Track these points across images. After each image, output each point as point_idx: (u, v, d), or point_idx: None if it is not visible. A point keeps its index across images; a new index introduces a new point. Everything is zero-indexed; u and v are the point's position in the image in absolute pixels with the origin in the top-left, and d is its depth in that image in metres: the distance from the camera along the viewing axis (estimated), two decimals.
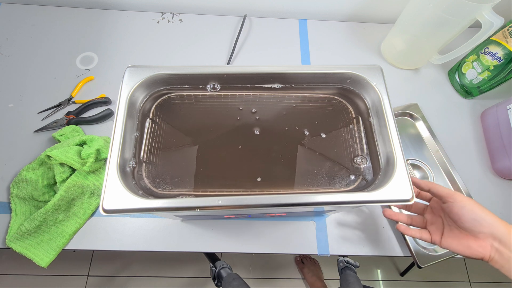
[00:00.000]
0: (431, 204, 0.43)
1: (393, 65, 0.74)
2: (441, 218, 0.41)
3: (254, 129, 0.41)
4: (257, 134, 0.41)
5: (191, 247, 0.54)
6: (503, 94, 0.69)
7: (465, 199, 0.37)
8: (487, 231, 0.35)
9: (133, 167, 0.37)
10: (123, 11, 0.77)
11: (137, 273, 1.22)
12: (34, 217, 0.51)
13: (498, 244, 0.35)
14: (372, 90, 0.41)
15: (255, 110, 0.43)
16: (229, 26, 0.77)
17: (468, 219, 0.36)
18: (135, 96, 0.40)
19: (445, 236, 0.39)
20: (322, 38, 0.77)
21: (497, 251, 0.35)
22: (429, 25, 0.60)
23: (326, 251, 0.54)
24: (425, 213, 0.44)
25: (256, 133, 0.41)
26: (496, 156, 0.62)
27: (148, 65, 0.40)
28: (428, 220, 0.43)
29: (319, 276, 1.18)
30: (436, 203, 0.42)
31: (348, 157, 0.40)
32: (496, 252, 0.35)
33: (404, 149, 0.37)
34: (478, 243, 0.36)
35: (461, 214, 0.37)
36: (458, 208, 0.37)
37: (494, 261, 0.36)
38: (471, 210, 0.36)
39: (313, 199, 0.33)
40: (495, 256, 0.35)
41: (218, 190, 0.37)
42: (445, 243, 0.39)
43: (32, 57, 0.69)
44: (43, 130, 0.61)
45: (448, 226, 0.40)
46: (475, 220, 0.36)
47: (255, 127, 0.42)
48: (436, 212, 0.42)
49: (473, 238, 0.37)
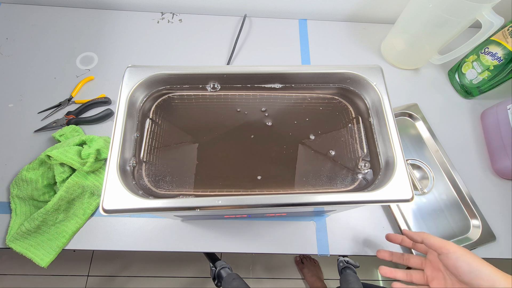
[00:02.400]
0: (429, 257, 0.40)
1: (393, 65, 0.74)
2: (441, 272, 0.38)
3: (255, 129, 0.41)
4: (257, 134, 0.41)
5: (191, 247, 0.54)
6: (503, 94, 0.69)
7: (458, 250, 0.36)
8: (487, 284, 0.33)
9: (133, 167, 0.37)
10: (123, 11, 0.77)
11: (137, 273, 1.22)
12: (34, 217, 0.51)
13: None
14: (372, 90, 0.41)
15: (255, 110, 0.43)
16: (229, 26, 0.77)
17: (465, 272, 0.34)
18: (135, 96, 0.40)
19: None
20: (322, 38, 0.77)
21: None
22: (429, 25, 0.60)
23: (326, 251, 0.54)
24: (425, 267, 0.41)
25: (256, 133, 0.41)
26: (496, 156, 0.62)
27: (148, 65, 0.40)
28: (428, 275, 0.39)
29: (319, 276, 1.18)
30: (434, 256, 0.39)
31: (347, 157, 0.40)
32: None
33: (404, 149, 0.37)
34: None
35: (458, 267, 0.35)
36: (453, 260, 0.35)
37: None
38: (466, 262, 0.35)
39: (313, 199, 0.33)
40: None
41: (218, 190, 0.37)
42: None
43: (32, 57, 0.69)
44: (43, 130, 0.61)
45: (450, 281, 0.37)
46: (472, 272, 0.34)
47: (256, 127, 0.42)
48: (435, 266, 0.39)
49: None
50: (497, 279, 0.33)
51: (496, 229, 0.56)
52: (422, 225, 0.57)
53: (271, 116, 0.42)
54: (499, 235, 0.56)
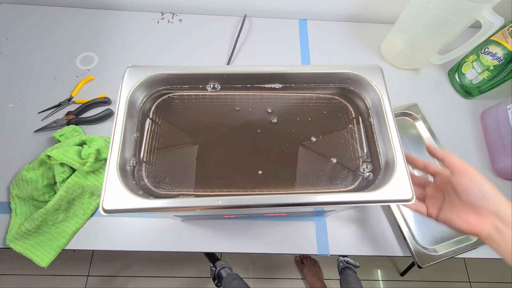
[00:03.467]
0: (436, 179, 0.42)
1: (393, 65, 0.74)
2: (442, 193, 0.40)
3: (254, 129, 0.41)
4: (256, 134, 0.41)
5: (191, 247, 0.54)
6: (503, 94, 0.69)
7: (477, 174, 0.36)
8: (492, 208, 0.35)
9: (133, 167, 0.37)
10: (123, 11, 0.77)
11: (137, 273, 1.22)
12: (34, 217, 0.51)
13: (499, 223, 0.34)
14: (372, 90, 0.41)
15: (255, 110, 0.43)
16: (229, 26, 0.77)
17: (475, 193, 0.35)
18: (135, 96, 0.40)
19: (444, 210, 0.38)
20: (322, 38, 0.77)
21: (497, 230, 0.34)
22: (429, 25, 0.60)
23: (326, 251, 0.54)
24: (427, 187, 0.43)
25: (256, 133, 0.41)
26: (496, 156, 0.62)
27: (148, 65, 0.40)
28: (428, 194, 0.42)
29: (318, 276, 1.18)
30: (442, 179, 0.40)
31: (347, 157, 0.40)
32: (495, 230, 0.34)
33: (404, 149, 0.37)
34: (479, 219, 0.35)
35: (469, 187, 0.36)
36: (468, 181, 0.36)
37: (491, 239, 0.35)
38: (481, 185, 0.35)
39: (313, 199, 0.33)
40: (494, 234, 0.34)
41: (218, 190, 0.37)
42: (443, 216, 0.38)
43: (32, 57, 0.69)
44: (43, 130, 0.61)
45: (449, 200, 0.38)
46: (483, 194, 0.35)
47: (256, 127, 0.42)
48: (439, 187, 0.41)
49: (474, 213, 0.36)
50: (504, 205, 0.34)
51: None
52: (422, 225, 0.56)
53: (271, 116, 0.42)
54: None
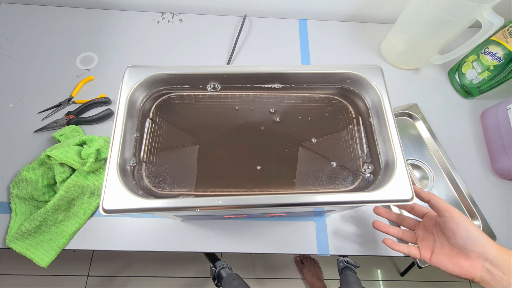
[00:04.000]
0: (424, 220, 0.43)
1: (393, 65, 0.74)
2: (433, 235, 0.41)
3: (254, 129, 0.41)
4: (256, 134, 0.41)
5: (191, 247, 0.54)
6: (503, 94, 0.69)
7: (461, 216, 0.38)
8: (480, 251, 0.36)
9: (133, 167, 0.37)
10: (123, 11, 0.77)
11: (137, 273, 1.22)
12: (34, 217, 0.51)
13: (489, 265, 0.35)
14: (372, 90, 0.41)
15: (255, 110, 0.43)
16: (229, 26, 0.77)
17: (461, 236, 0.37)
18: (135, 96, 0.40)
19: (436, 254, 0.39)
20: (322, 38, 0.77)
21: (488, 272, 0.35)
22: (429, 25, 0.60)
23: (326, 251, 0.54)
24: (417, 229, 0.43)
25: (256, 133, 0.41)
26: (496, 156, 0.62)
27: (148, 65, 0.40)
28: (419, 236, 0.42)
29: (318, 276, 1.18)
30: (430, 220, 0.42)
31: (347, 157, 0.40)
32: (487, 273, 0.35)
33: (404, 149, 0.37)
34: (469, 263, 0.36)
35: (456, 230, 0.37)
36: (453, 224, 0.37)
37: (484, 282, 0.35)
38: (466, 227, 0.37)
39: (313, 199, 0.33)
40: (486, 277, 0.35)
41: (218, 190, 0.37)
42: (435, 260, 0.39)
43: (32, 57, 0.69)
44: (43, 130, 0.61)
45: (439, 243, 0.39)
46: (469, 238, 0.36)
47: (256, 127, 0.42)
48: (428, 229, 0.42)
49: (464, 257, 0.37)
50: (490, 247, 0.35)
51: (496, 229, 0.56)
52: None
53: (271, 116, 0.42)
54: (499, 235, 0.56)
